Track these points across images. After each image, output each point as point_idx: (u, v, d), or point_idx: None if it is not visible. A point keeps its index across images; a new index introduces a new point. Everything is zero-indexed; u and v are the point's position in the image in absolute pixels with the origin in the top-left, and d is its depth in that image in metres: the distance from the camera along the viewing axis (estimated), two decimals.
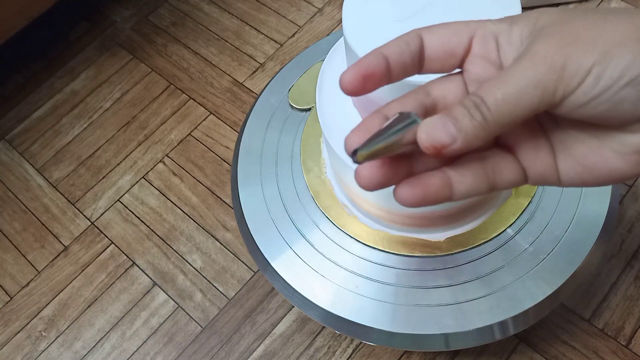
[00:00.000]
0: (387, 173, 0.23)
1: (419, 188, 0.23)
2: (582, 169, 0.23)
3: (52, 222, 0.91)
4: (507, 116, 0.21)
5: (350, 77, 0.23)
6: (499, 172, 0.24)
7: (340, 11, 1.06)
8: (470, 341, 0.54)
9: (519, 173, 0.24)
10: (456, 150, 0.22)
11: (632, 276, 0.76)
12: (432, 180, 0.23)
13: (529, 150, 0.24)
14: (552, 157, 0.24)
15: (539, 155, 0.24)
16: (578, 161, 0.24)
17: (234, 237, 0.86)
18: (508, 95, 0.21)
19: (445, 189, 0.23)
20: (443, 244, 0.56)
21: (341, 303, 0.55)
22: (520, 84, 0.21)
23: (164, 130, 0.97)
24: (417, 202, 0.23)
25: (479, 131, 0.22)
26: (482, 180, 0.24)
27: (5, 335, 0.82)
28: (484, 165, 0.24)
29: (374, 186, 0.23)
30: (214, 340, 0.79)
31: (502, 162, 0.24)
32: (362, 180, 0.23)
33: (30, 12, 0.96)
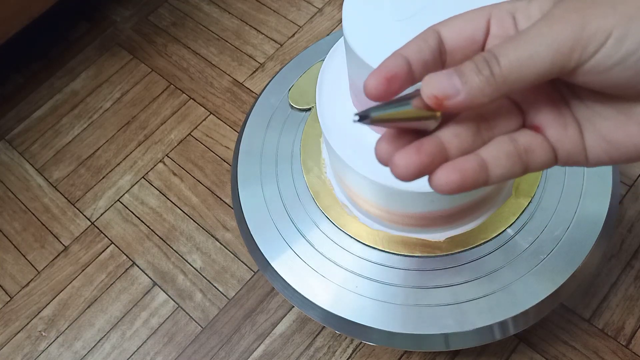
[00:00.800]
0: (423, 161, 0.22)
1: (456, 173, 0.22)
2: (608, 146, 0.23)
3: (52, 222, 0.91)
4: (516, 75, 0.21)
5: (374, 82, 0.23)
6: (531, 152, 0.23)
7: (340, 11, 1.06)
8: (470, 341, 0.54)
9: (550, 153, 0.24)
10: (459, 104, 0.21)
11: (632, 276, 0.76)
12: (468, 164, 0.22)
13: (558, 129, 0.24)
14: (580, 134, 0.24)
15: (567, 133, 0.24)
16: (604, 138, 0.23)
17: (234, 237, 0.86)
18: (521, 53, 0.21)
19: (482, 172, 0.22)
20: (443, 244, 0.56)
21: (341, 303, 0.55)
22: (535, 42, 0.21)
23: (164, 130, 0.97)
24: (454, 187, 0.22)
25: (484, 86, 0.21)
26: (517, 161, 0.23)
27: (5, 335, 0.82)
28: (517, 146, 0.23)
29: (410, 175, 0.22)
30: (214, 340, 0.79)
31: (534, 142, 0.24)
32: (398, 169, 0.22)
33: (30, 12, 0.96)
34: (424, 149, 0.22)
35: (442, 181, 0.22)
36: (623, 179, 0.83)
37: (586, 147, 0.23)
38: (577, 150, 0.24)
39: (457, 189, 0.22)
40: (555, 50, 0.20)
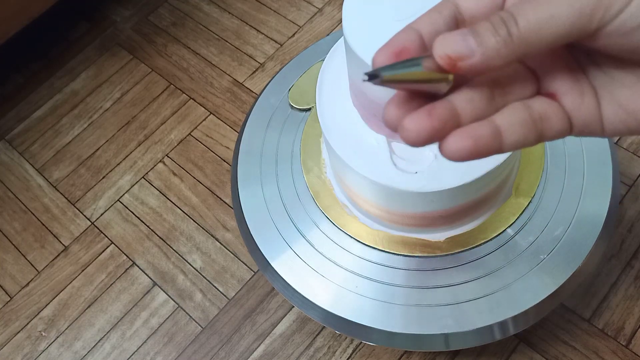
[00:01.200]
0: (435, 125, 0.21)
1: (469, 139, 0.21)
2: (626, 115, 0.22)
3: (52, 222, 0.91)
4: (535, 37, 0.20)
5: (382, 57, 0.22)
6: (546, 120, 0.22)
7: (340, 11, 1.06)
8: (470, 341, 0.54)
9: (565, 121, 0.23)
10: (474, 66, 0.20)
11: (632, 276, 0.76)
12: (481, 131, 0.21)
13: (574, 96, 0.23)
14: (597, 103, 0.23)
15: (584, 102, 0.23)
16: (622, 106, 0.22)
17: (234, 237, 0.86)
18: (540, 13, 0.20)
19: (496, 138, 0.22)
20: (443, 244, 0.56)
21: (341, 303, 0.55)
22: (555, 2, 0.20)
23: (164, 130, 0.97)
24: (467, 154, 0.21)
25: (501, 48, 0.20)
26: (531, 129, 0.22)
27: (5, 335, 0.82)
28: (532, 113, 0.22)
29: (422, 140, 0.21)
30: (214, 340, 0.79)
31: (549, 110, 0.23)
32: (409, 134, 0.21)
33: (30, 12, 0.96)
34: (435, 113, 0.21)
35: (453, 147, 0.21)
36: (623, 179, 0.83)
37: (603, 116, 0.23)
38: (593, 119, 0.23)
39: (470, 156, 0.21)
40: (577, 10, 0.20)
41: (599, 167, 0.59)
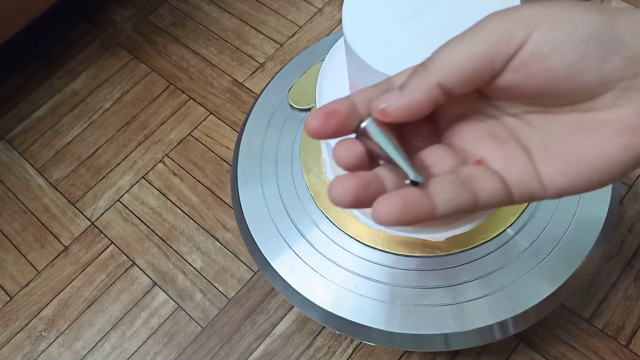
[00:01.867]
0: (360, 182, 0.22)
1: (397, 200, 0.21)
2: (564, 166, 0.22)
3: (52, 222, 0.91)
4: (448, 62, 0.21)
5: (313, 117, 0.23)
6: (476, 180, 0.22)
7: (340, 11, 1.06)
8: (470, 341, 0.54)
9: (498, 181, 0.23)
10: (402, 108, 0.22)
11: (632, 276, 0.76)
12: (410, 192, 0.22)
13: (500, 158, 0.23)
14: (528, 160, 0.23)
15: (512, 161, 0.23)
16: (558, 157, 0.22)
17: (234, 237, 0.86)
18: (451, 47, 0.22)
19: (425, 198, 0.22)
20: (443, 244, 0.56)
21: (341, 303, 0.55)
22: (465, 35, 0.22)
23: (164, 130, 0.97)
24: (397, 215, 0.21)
25: (419, 80, 0.22)
26: (461, 189, 0.22)
27: (5, 335, 0.82)
28: (460, 175, 0.23)
29: (347, 202, 0.22)
30: (214, 340, 0.79)
31: (477, 171, 0.23)
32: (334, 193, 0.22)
33: (30, 12, 0.96)
34: (360, 175, 0.22)
35: (383, 209, 0.21)
36: (623, 179, 0.83)
37: (540, 172, 0.22)
38: (528, 177, 0.22)
39: (400, 216, 0.21)
40: (484, 37, 0.21)
41: None
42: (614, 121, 0.21)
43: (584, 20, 0.20)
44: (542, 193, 0.23)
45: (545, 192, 0.22)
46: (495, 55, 0.21)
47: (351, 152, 0.23)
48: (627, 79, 0.20)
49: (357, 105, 0.23)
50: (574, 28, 0.20)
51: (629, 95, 0.21)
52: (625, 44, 0.20)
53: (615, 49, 0.20)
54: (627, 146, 0.21)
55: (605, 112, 0.21)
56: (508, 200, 0.23)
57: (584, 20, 0.20)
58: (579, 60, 0.20)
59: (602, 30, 0.20)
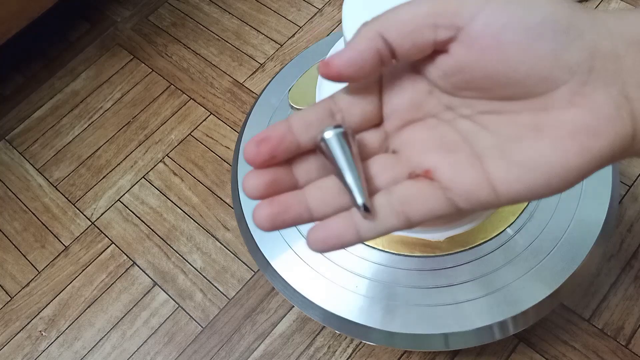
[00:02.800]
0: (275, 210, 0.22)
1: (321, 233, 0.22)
2: (520, 170, 0.21)
3: (52, 222, 0.91)
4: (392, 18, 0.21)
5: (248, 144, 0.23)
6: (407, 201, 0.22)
7: (340, 11, 1.06)
8: (470, 341, 0.54)
9: (437, 197, 0.22)
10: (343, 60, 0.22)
11: (632, 276, 0.76)
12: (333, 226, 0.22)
13: (448, 167, 0.22)
14: (479, 166, 0.22)
15: (460, 169, 0.22)
16: (512, 160, 0.21)
17: (234, 237, 0.86)
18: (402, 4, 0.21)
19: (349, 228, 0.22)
20: (443, 244, 0.56)
21: (341, 303, 0.55)
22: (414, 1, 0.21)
23: (164, 130, 0.97)
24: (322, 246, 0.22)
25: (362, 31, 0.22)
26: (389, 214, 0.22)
27: (6, 335, 0.83)
28: (390, 197, 0.22)
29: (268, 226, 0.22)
30: (214, 340, 0.79)
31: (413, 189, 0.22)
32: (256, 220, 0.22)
33: (30, 12, 0.96)
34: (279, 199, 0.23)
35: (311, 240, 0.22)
36: (623, 179, 0.83)
37: (492, 178, 0.21)
38: (477, 184, 0.21)
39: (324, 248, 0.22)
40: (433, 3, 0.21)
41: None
42: (569, 123, 0.20)
43: (541, 3, 0.20)
44: (494, 200, 0.22)
45: (498, 199, 0.21)
46: (438, 19, 0.21)
47: (255, 184, 0.23)
48: (583, 72, 0.20)
49: (294, 128, 0.23)
50: (530, 9, 0.19)
51: (585, 93, 0.20)
52: (582, 34, 0.19)
53: (572, 38, 0.19)
54: (582, 149, 0.20)
55: (561, 113, 0.20)
56: (452, 211, 0.22)
57: (541, 3, 0.20)
58: (533, 41, 0.19)
59: (560, 16, 0.19)
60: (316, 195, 0.23)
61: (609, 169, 0.59)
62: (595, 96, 0.20)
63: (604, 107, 0.20)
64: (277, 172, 0.23)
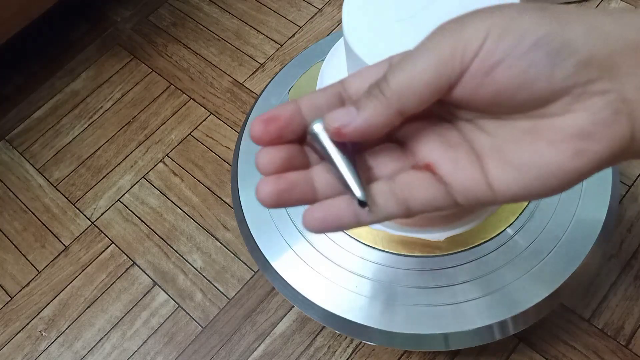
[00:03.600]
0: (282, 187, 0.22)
1: (320, 213, 0.22)
2: (516, 171, 0.21)
3: (52, 222, 0.91)
4: (406, 91, 0.21)
5: (255, 123, 0.23)
6: (409, 190, 0.22)
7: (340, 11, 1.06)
8: (470, 341, 0.54)
9: (435, 188, 0.22)
10: (358, 129, 0.22)
11: (632, 276, 0.76)
12: (335, 202, 0.23)
13: (448, 162, 0.23)
14: (478, 165, 0.22)
15: (459, 165, 0.22)
16: (509, 161, 0.21)
17: (234, 237, 0.86)
18: (406, 67, 0.21)
19: (349, 211, 0.22)
20: (443, 244, 0.56)
21: (341, 303, 0.55)
22: (418, 55, 0.21)
23: (164, 130, 0.97)
24: (318, 228, 0.22)
25: (378, 107, 0.21)
26: (389, 200, 0.22)
27: (6, 335, 0.83)
28: (391, 185, 0.23)
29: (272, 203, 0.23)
30: (214, 340, 0.79)
31: (414, 179, 0.23)
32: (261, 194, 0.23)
33: (30, 12, 0.96)
34: (284, 178, 0.23)
35: (307, 219, 0.22)
36: (623, 178, 0.83)
37: (490, 177, 0.22)
38: (475, 182, 0.22)
39: (322, 228, 0.22)
40: (437, 57, 0.21)
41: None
42: (566, 127, 0.20)
43: (532, 27, 0.20)
44: (491, 198, 0.22)
45: (495, 197, 0.22)
46: (451, 74, 0.21)
47: (270, 160, 0.23)
48: (580, 85, 0.20)
49: (303, 110, 0.23)
50: (522, 36, 0.20)
51: (582, 101, 0.20)
52: (575, 49, 0.20)
53: (565, 55, 0.20)
54: (578, 152, 0.20)
55: (558, 118, 0.21)
56: (451, 205, 0.23)
57: (532, 27, 0.20)
58: (526, 69, 0.20)
59: (551, 36, 0.20)
60: (323, 177, 0.23)
61: (609, 169, 0.59)
62: (592, 101, 0.20)
63: (601, 111, 0.20)
64: (291, 150, 0.23)
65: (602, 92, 0.20)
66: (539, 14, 0.20)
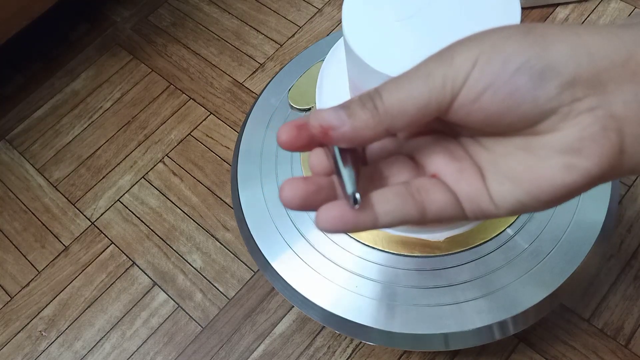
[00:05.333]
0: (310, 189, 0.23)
1: (337, 209, 0.22)
2: (512, 187, 0.22)
3: (52, 222, 0.91)
4: (397, 110, 0.22)
5: (284, 129, 0.23)
6: (425, 192, 0.23)
7: (340, 11, 1.06)
8: (469, 341, 0.54)
9: (449, 195, 0.23)
10: (345, 135, 0.22)
11: (632, 276, 0.77)
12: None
13: (453, 173, 0.23)
14: (480, 178, 0.23)
15: (463, 176, 0.23)
16: (506, 176, 0.22)
17: (234, 237, 0.86)
18: (400, 88, 0.22)
19: (366, 210, 0.22)
20: (442, 244, 0.56)
21: (341, 303, 0.56)
22: (412, 79, 0.22)
23: (164, 130, 0.97)
24: (333, 227, 0.22)
25: (368, 119, 0.22)
26: (407, 200, 0.23)
27: (6, 335, 0.83)
28: (408, 187, 0.23)
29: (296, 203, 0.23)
30: (214, 340, 0.79)
31: (428, 184, 0.23)
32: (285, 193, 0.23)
33: (30, 12, 0.96)
34: (311, 180, 0.23)
35: (322, 217, 0.22)
36: (622, 179, 0.83)
37: (490, 190, 0.23)
38: (479, 194, 0.23)
39: (337, 227, 0.22)
40: (430, 84, 0.21)
41: None
42: (555, 144, 0.21)
43: (515, 52, 0.20)
44: (494, 211, 0.23)
45: (497, 210, 0.23)
46: (442, 102, 0.21)
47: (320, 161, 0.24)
48: (565, 104, 0.20)
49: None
50: (506, 61, 0.20)
51: (570, 119, 0.21)
52: (558, 71, 0.20)
53: (548, 78, 0.20)
54: (568, 167, 0.21)
55: (547, 136, 0.21)
56: (460, 215, 0.23)
57: (515, 52, 0.20)
58: (511, 94, 0.20)
59: (534, 60, 0.20)
60: None
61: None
62: (580, 119, 0.20)
63: (589, 127, 0.20)
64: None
65: (590, 109, 0.20)
66: (523, 39, 0.21)
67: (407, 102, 0.22)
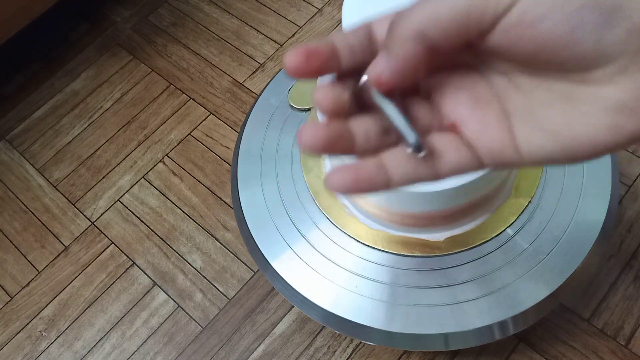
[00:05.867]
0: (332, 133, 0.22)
1: (351, 173, 0.21)
2: (545, 136, 0.20)
3: (52, 222, 0.91)
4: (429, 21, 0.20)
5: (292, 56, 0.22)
6: (438, 152, 0.22)
7: (340, 11, 1.06)
8: (469, 341, 0.54)
9: (463, 152, 0.22)
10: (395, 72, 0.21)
11: (632, 276, 0.77)
12: (365, 166, 0.22)
13: (475, 122, 0.22)
14: (506, 125, 0.21)
15: (487, 128, 0.22)
16: (539, 125, 0.21)
17: (234, 237, 0.86)
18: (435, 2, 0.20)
19: (379, 173, 0.21)
20: (442, 244, 0.56)
21: (341, 303, 0.56)
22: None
23: (164, 130, 0.97)
24: (347, 188, 0.21)
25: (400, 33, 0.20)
26: (419, 162, 0.22)
27: (6, 335, 0.83)
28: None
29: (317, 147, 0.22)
30: (214, 340, 0.79)
31: (442, 140, 0.22)
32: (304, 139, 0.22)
33: (30, 12, 0.96)
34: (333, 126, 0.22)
35: (335, 180, 0.21)
36: (622, 179, 0.83)
37: (517, 139, 0.21)
38: (502, 145, 0.21)
39: (351, 189, 0.21)
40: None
41: (598, 167, 0.59)
42: (606, 98, 0.19)
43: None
44: (517, 161, 0.21)
45: (521, 160, 0.21)
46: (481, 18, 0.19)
47: (331, 96, 0.22)
48: (628, 54, 0.18)
49: (338, 48, 0.22)
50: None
51: (628, 74, 0.19)
52: (629, 14, 0.18)
53: (616, 20, 0.18)
54: (613, 126, 0.19)
55: (599, 87, 0.19)
56: (477, 167, 0.22)
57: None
58: (573, 29, 0.18)
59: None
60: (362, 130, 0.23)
61: (609, 169, 0.59)
62: (638, 76, 0.19)
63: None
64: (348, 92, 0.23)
65: None
66: None
67: (440, 13, 0.20)
